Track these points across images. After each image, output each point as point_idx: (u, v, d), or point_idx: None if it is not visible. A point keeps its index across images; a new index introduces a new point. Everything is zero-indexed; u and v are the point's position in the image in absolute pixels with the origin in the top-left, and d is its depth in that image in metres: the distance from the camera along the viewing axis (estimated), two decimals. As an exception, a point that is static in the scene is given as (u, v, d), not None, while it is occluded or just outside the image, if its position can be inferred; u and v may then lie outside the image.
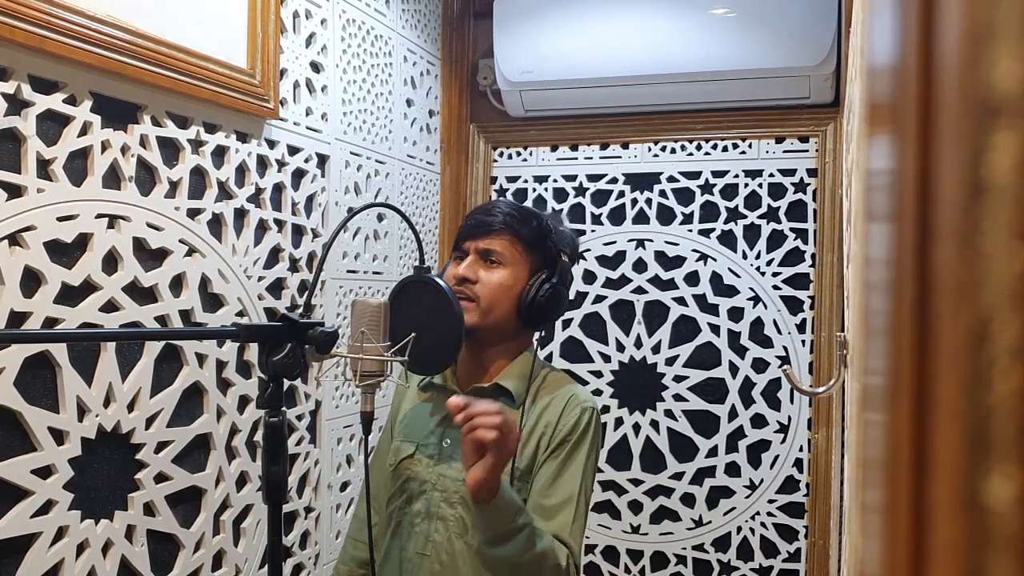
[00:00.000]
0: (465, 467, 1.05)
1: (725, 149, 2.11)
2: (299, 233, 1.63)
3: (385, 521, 1.27)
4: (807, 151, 2.05)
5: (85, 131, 1.16)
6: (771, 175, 2.07)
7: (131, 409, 1.23)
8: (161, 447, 1.28)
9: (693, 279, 2.12)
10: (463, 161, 2.30)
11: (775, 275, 2.06)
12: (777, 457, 2.05)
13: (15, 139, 1.07)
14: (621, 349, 2.17)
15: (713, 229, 2.11)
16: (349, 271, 1.81)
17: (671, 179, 2.15)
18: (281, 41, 1.54)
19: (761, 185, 2.08)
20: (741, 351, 2.08)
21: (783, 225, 2.06)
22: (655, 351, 2.14)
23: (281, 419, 0.91)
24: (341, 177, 1.77)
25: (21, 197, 1.07)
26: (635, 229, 2.17)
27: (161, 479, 1.29)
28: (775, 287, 2.06)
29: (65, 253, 1.14)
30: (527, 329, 1.27)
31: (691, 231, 2.13)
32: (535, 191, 2.26)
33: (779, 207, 2.06)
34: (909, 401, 0.25)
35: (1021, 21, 0.18)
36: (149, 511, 1.27)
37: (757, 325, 2.07)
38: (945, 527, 0.21)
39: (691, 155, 2.13)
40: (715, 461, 2.09)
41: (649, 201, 2.17)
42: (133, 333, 1.24)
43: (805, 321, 2.04)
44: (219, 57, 1.36)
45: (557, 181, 2.24)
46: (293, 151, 1.61)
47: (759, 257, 2.07)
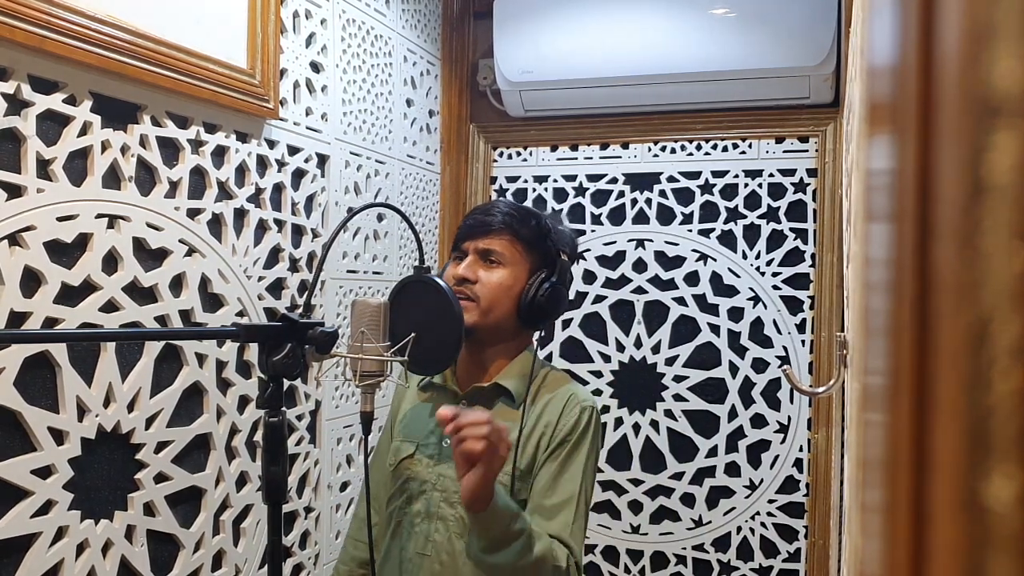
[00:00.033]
0: (458, 477, 1.04)
1: (725, 149, 2.11)
2: (299, 233, 1.63)
3: (385, 521, 1.27)
4: (807, 151, 2.05)
5: (85, 131, 1.16)
6: (771, 175, 2.07)
7: (131, 409, 1.23)
8: (161, 447, 1.28)
9: (693, 279, 2.12)
10: (463, 161, 2.30)
11: (775, 275, 2.06)
12: (777, 457, 2.05)
13: (15, 139, 1.07)
14: (621, 349, 2.17)
15: (713, 229, 2.11)
16: (349, 271, 1.81)
17: (671, 179, 2.15)
18: (281, 41, 1.54)
19: (761, 185, 2.08)
20: (741, 351, 2.08)
21: (783, 225, 2.06)
22: (655, 351, 2.14)
23: (281, 419, 0.91)
24: (341, 177, 1.77)
25: (21, 197, 1.07)
26: (635, 229, 2.17)
27: (161, 479, 1.29)
28: (775, 287, 2.06)
29: (65, 253, 1.14)
30: (527, 329, 1.27)
31: (691, 231, 2.13)
32: (535, 191, 2.26)
33: (779, 207, 2.06)
34: (909, 401, 0.25)
35: (1021, 20, 0.18)
36: (149, 511, 1.27)
37: (757, 325, 2.07)
38: (945, 527, 0.21)
39: (691, 155, 2.13)
40: (715, 461, 2.09)
41: (649, 201, 2.17)
42: (133, 333, 1.24)
43: (805, 321, 2.04)
44: (219, 57, 1.36)
45: (557, 181, 2.24)
46: (293, 151, 1.61)
47: (759, 257, 2.07)
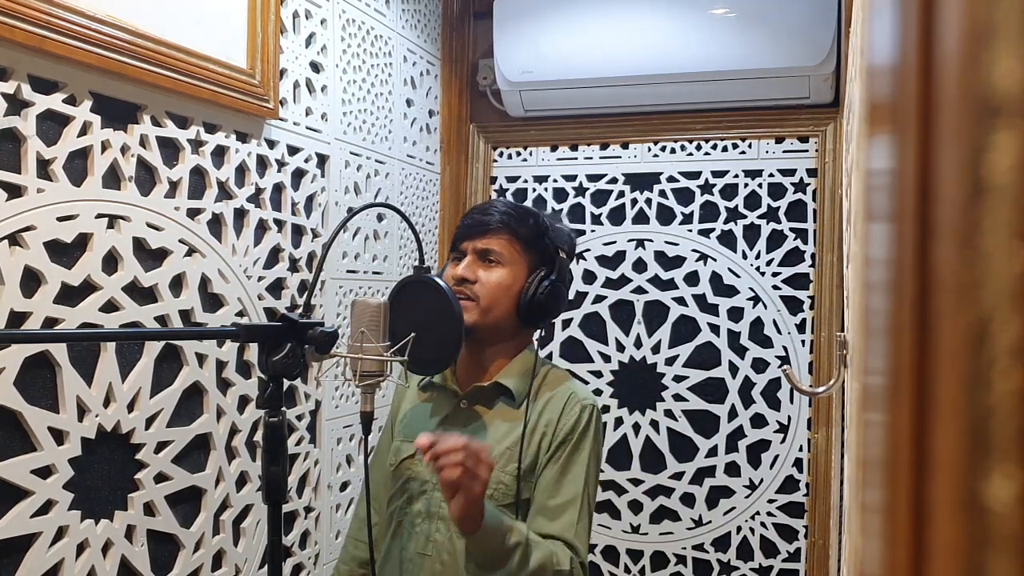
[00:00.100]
0: (447, 502, 1.04)
1: (725, 149, 2.11)
2: (299, 233, 1.63)
3: (386, 521, 1.27)
4: (807, 151, 2.05)
5: (85, 131, 1.16)
6: (771, 175, 2.07)
7: (131, 409, 1.23)
8: (161, 447, 1.28)
9: (693, 279, 2.12)
10: (463, 161, 2.30)
11: (775, 275, 2.06)
12: (777, 457, 2.05)
13: (15, 139, 1.07)
14: (621, 349, 2.17)
15: (713, 229, 2.11)
16: (349, 271, 1.81)
17: (671, 179, 2.15)
18: (281, 41, 1.54)
19: (761, 185, 2.08)
20: (741, 351, 2.08)
21: (783, 225, 2.06)
22: (655, 351, 2.14)
23: (281, 419, 0.91)
24: (341, 177, 1.77)
25: (21, 197, 1.07)
26: (635, 229, 2.17)
27: (161, 479, 1.29)
28: (775, 287, 2.06)
29: (65, 253, 1.14)
30: (527, 327, 1.27)
31: (691, 231, 2.13)
32: (535, 191, 2.26)
33: (779, 207, 2.06)
34: (909, 401, 0.25)
35: (1021, 20, 0.18)
36: (149, 511, 1.27)
37: (757, 325, 2.07)
38: (945, 527, 0.21)
39: (691, 155, 2.13)
40: (715, 461, 2.09)
41: (649, 201, 2.17)
42: (133, 333, 1.24)
43: (805, 321, 2.04)
44: (219, 57, 1.36)
45: (557, 181, 2.24)
46: (293, 151, 1.61)
47: (759, 257, 2.07)
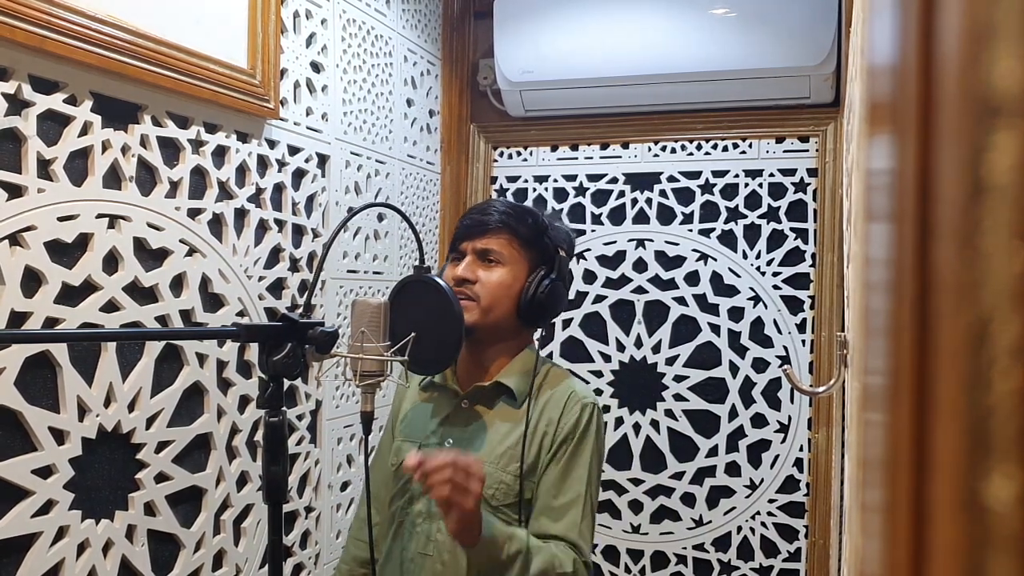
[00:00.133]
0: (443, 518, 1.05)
1: (725, 149, 2.11)
2: (299, 233, 1.63)
3: (387, 521, 1.27)
4: (807, 151, 2.05)
5: (85, 131, 1.16)
6: (771, 175, 2.07)
7: (131, 409, 1.23)
8: (162, 447, 1.28)
9: (693, 279, 2.12)
10: (463, 161, 2.30)
11: (775, 275, 2.06)
12: (777, 457, 2.05)
13: (15, 139, 1.07)
14: (621, 349, 2.17)
15: (713, 229, 2.11)
16: (349, 271, 1.81)
17: (671, 179, 2.15)
18: (281, 41, 1.54)
19: (761, 185, 2.08)
20: (741, 351, 2.08)
21: (783, 225, 2.06)
22: (655, 351, 2.14)
23: (281, 419, 0.91)
24: (341, 177, 1.77)
25: (22, 197, 1.07)
26: (635, 229, 2.17)
27: (161, 479, 1.29)
28: (775, 287, 2.06)
29: (65, 253, 1.14)
30: (527, 327, 1.27)
31: (691, 231, 2.13)
32: (535, 191, 2.26)
33: (779, 207, 2.06)
34: (909, 401, 0.25)
35: (1021, 20, 0.18)
36: (150, 511, 1.27)
37: (757, 325, 2.07)
38: (945, 527, 0.21)
39: (691, 155, 2.13)
40: (715, 461, 2.09)
41: (649, 201, 2.16)
42: (133, 333, 1.24)
43: (805, 321, 2.04)
44: (219, 57, 1.36)
45: (557, 181, 2.24)
46: (293, 151, 1.61)
47: (759, 257, 2.07)
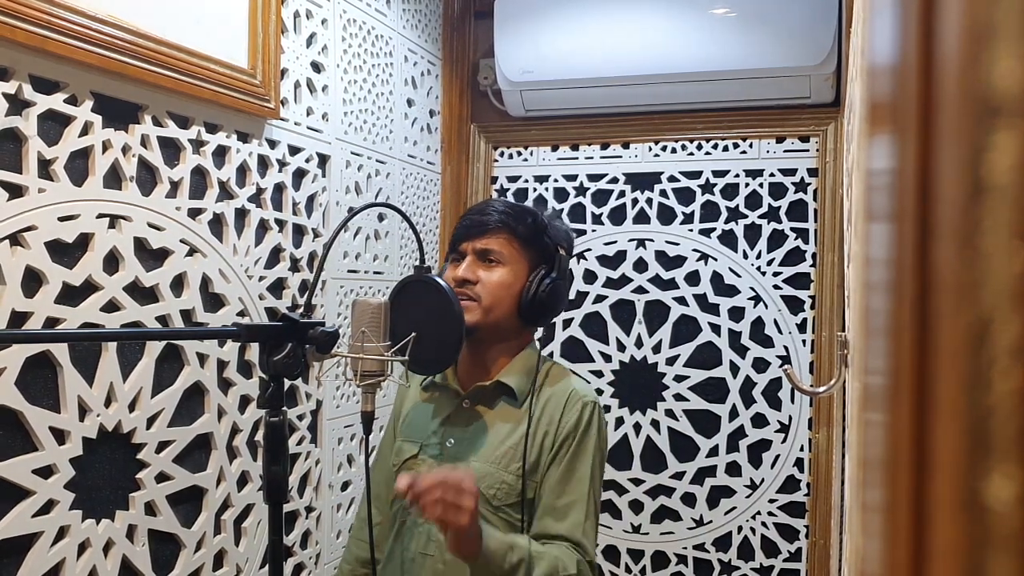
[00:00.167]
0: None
1: (726, 149, 2.11)
2: (300, 233, 1.63)
3: (389, 521, 1.28)
4: (808, 151, 2.05)
5: (86, 131, 1.16)
6: (772, 175, 2.07)
7: (132, 409, 1.23)
8: (162, 447, 1.28)
9: (694, 279, 2.12)
10: (464, 161, 2.30)
11: (776, 275, 2.06)
12: (778, 457, 2.05)
13: (16, 139, 1.07)
14: (622, 349, 2.17)
15: (714, 229, 2.11)
16: (350, 271, 1.81)
17: (672, 179, 2.15)
18: (282, 41, 1.54)
19: (762, 185, 2.08)
20: (742, 351, 2.08)
21: (784, 225, 2.06)
22: (656, 351, 2.14)
23: (282, 419, 0.91)
24: (342, 177, 1.77)
25: (22, 197, 1.07)
26: (636, 229, 2.17)
27: (162, 479, 1.29)
28: (776, 287, 2.06)
29: (66, 253, 1.14)
30: (528, 326, 1.27)
31: (692, 231, 2.13)
32: (536, 191, 2.26)
33: (780, 207, 2.06)
34: (909, 401, 0.25)
35: (1021, 20, 0.18)
36: (150, 511, 1.27)
37: (758, 325, 2.07)
38: (945, 527, 0.21)
39: (692, 155, 2.13)
40: (716, 461, 2.09)
41: (650, 201, 2.16)
42: (134, 333, 1.24)
43: (806, 321, 2.04)
44: (220, 57, 1.36)
45: (558, 181, 2.24)
46: (294, 151, 1.61)
47: (760, 257, 2.07)
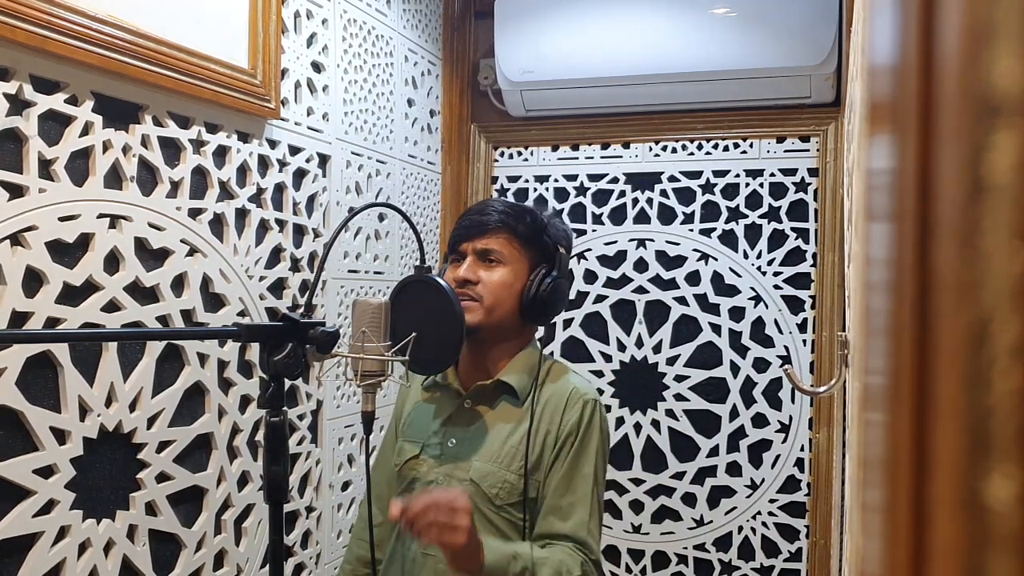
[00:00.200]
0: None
1: (726, 149, 2.11)
2: (300, 233, 1.63)
3: (390, 521, 1.28)
4: (808, 151, 2.05)
5: (87, 131, 1.16)
6: (772, 175, 2.07)
7: (133, 409, 1.23)
8: (163, 447, 1.28)
9: (694, 279, 2.12)
10: (464, 161, 2.30)
11: (776, 275, 2.06)
12: (778, 457, 2.05)
13: (17, 139, 1.07)
14: (622, 349, 2.17)
15: (714, 229, 2.11)
16: (350, 271, 1.81)
17: (672, 179, 2.15)
18: (282, 41, 1.54)
19: (762, 185, 2.08)
20: (742, 351, 2.08)
21: (784, 225, 2.06)
22: (656, 351, 2.14)
23: (282, 419, 0.91)
24: (342, 177, 1.77)
25: (23, 197, 1.07)
26: (636, 229, 2.17)
27: (163, 479, 1.29)
28: (776, 287, 2.06)
29: (67, 253, 1.14)
30: (530, 325, 1.27)
31: (692, 231, 2.12)
32: (536, 191, 2.26)
33: (780, 206, 2.06)
34: (909, 401, 0.25)
35: (1021, 20, 0.18)
36: (151, 511, 1.27)
37: (758, 325, 2.07)
38: (945, 527, 0.21)
39: (692, 155, 2.13)
40: (716, 461, 2.09)
41: (650, 201, 2.16)
42: (135, 333, 1.24)
43: (806, 321, 2.04)
44: (220, 57, 1.36)
45: (558, 181, 2.24)
46: (294, 151, 1.61)
47: (760, 257, 2.07)
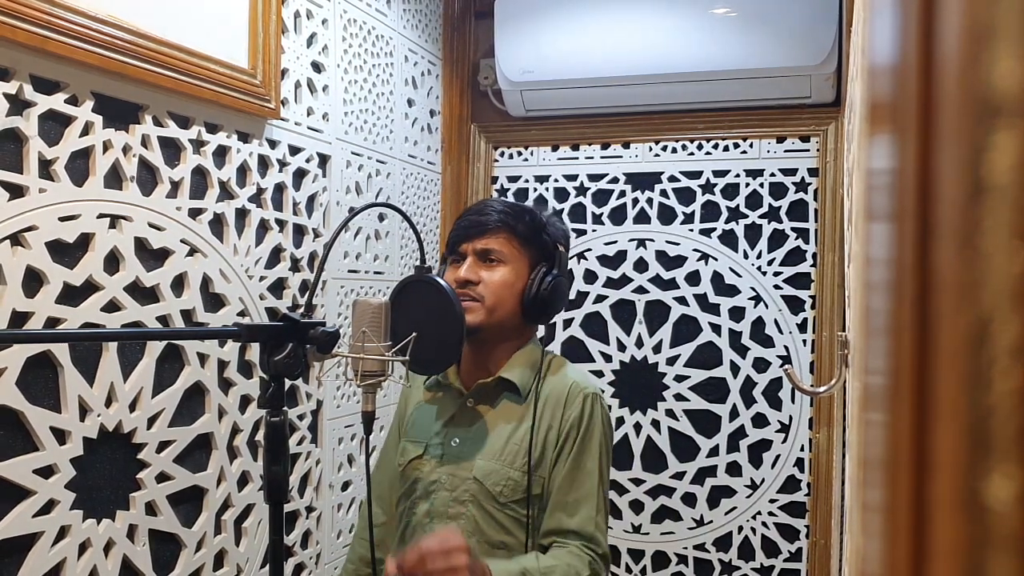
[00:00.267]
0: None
1: (726, 149, 2.11)
2: (300, 233, 1.63)
3: (394, 521, 1.28)
4: (808, 151, 2.05)
5: (87, 131, 1.16)
6: (772, 175, 2.07)
7: (133, 409, 1.23)
8: (163, 447, 1.28)
9: (694, 279, 2.12)
10: (464, 161, 2.30)
11: (776, 275, 2.06)
12: (778, 457, 2.05)
13: (17, 139, 1.07)
14: (622, 349, 2.17)
15: (714, 229, 2.11)
16: (350, 271, 1.81)
17: (672, 179, 2.15)
18: (282, 41, 1.54)
19: (762, 185, 2.08)
20: (742, 351, 2.08)
21: (784, 225, 2.06)
22: (656, 351, 2.14)
23: (282, 419, 0.91)
24: (342, 177, 1.77)
25: (23, 197, 1.07)
26: (636, 229, 2.17)
27: (163, 479, 1.29)
28: (776, 287, 2.06)
29: (67, 253, 1.14)
30: (531, 324, 1.27)
31: (692, 231, 2.12)
32: (536, 191, 2.26)
33: (780, 206, 2.06)
34: (909, 401, 0.25)
35: (1021, 20, 0.18)
36: (151, 511, 1.27)
37: (758, 325, 2.07)
38: (945, 527, 0.21)
39: (692, 155, 2.13)
40: (716, 461, 2.09)
41: (650, 201, 2.16)
42: (135, 333, 1.24)
43: (806, 321, 2.04)
44: (220, 57, 1.36)
45: (558, 181, 2.24)
46: (294, 151, 1.61)
47: (760, 256, 2.07)
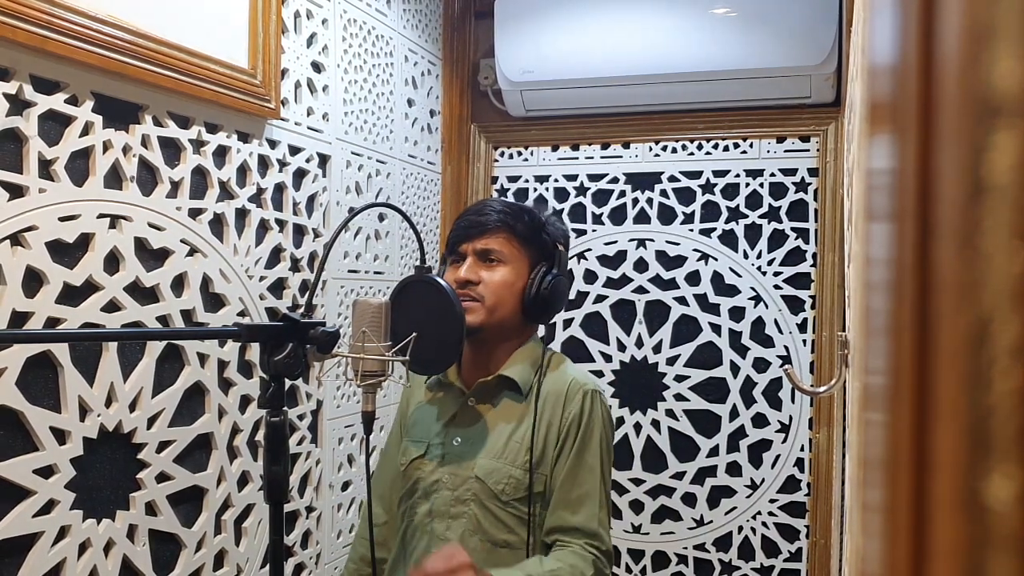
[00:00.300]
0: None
1: (726, 149, 2.11)
2: (300, 233, 1.63)
3: (397, 520, 1.28)
4: (808, 151, 2.05)
5: (87, 131, 1.16)
6: (772, 175, 2.07)
7: (133, 409, 1.23)
8: (163, 447, 1.28)
9: (694, 279, 2.12)
10: (464, 161, 2.30)
11: (776, 275, 2.06)
12: (778, 457, 2.05)
13: (17, 139, 1.07)
14: (622, 349, 2.17)
15: (714, 229, 2.11)
16: (350, 271, 1.81)
17: (672, 179, 2.15)
18: (282, 41, 1.54)
19: (762, 185, 2.08)
20: (742, 351, 2.08)
21: (784, 225, 2.06)
22: (656, 351, 2.14)
23: (282, 419, 0.91)
24: (342, 177, 1.77)
25: (23, 197, 1.07)
26: (636, 229, 2.17)
27: (163, 479, 1.29)
28: (776, 287, 2.06)
29: (67, 253, 1.14)
30: (531, 323, 1.27)
31: (692, 231, 2.12)
32: (536, 191, 2.26)
33: (780, 206, 2.06)
34: (909, 401, 0.25)
35: (1021, 20, 0.18)
36: (151, 511, 1.27)
37: (758, 325, 2.07)
38: (945, 527, 0.21)
39: (692, 155, 2.13)
40: (716, 461, 2.09)
41: (650, 201, 2.16)
42: (135, 333, 1.24)
43: (806, 321, 2.04)
44: (220, 57, 1.36)
45: (558, 181, 2.24)
46: (294, 151, 1.61)
47: (760, 257, 2.07)
